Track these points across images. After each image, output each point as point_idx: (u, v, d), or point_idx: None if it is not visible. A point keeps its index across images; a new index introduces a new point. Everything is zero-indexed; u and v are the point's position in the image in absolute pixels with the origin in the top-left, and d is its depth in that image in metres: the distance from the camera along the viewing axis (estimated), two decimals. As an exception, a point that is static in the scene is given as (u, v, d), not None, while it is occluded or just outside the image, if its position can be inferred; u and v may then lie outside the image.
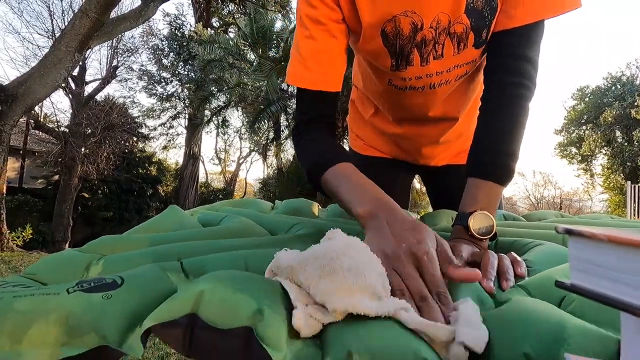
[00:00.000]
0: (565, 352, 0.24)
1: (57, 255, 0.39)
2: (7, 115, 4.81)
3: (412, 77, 0.67)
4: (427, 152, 0.89)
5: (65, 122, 10.09)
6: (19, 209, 8.94)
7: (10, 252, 4.92)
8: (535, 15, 0.56)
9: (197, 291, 0.26)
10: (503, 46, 0.59)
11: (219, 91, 10.30)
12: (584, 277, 0.17)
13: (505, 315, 0.31)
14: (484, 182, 0.55)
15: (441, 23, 0.60)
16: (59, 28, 9.07)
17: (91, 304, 0.26)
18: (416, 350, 0.26)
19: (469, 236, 0.51)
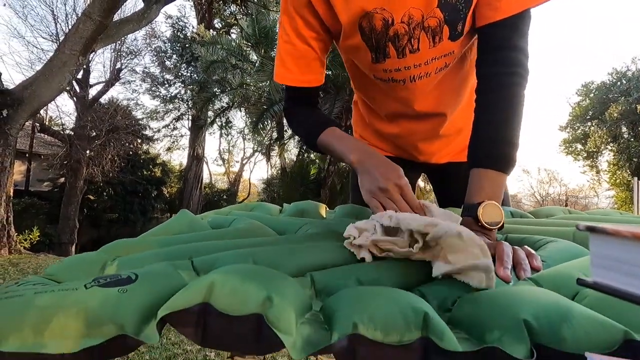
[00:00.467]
0: (567, 330, 0.24)
1: (74, 257, 0.41)
2: (13, 119, 4.85)
3: (392, 69, 0.70)
4: (424, 149, 0.89)
5: (70, 125, 10.17)
6: (25, 211, 9.02)
7: (18, 255, 4.97)
8: (519, 5, 0.57)
9: (209, 282, 0.27)
10: (492, 38, 0.60)
11: (222, 92, 10.33)
12: (607, 274, 0.16)
13: (512, 289, 0.32)
14: (487, 172, 0.56)
15: (414, 18, 0.62)
16: (63, 32, 9.15)
17: (108, 298, 0.27)
18: (415, 306, 0.28)
19: (479, 227, 0.52)
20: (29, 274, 4.01)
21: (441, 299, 0.36)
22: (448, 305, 0.35)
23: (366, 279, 0.38)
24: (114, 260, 0.39)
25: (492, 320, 0.28)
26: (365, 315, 0.27)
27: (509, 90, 0.58)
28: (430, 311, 0.28)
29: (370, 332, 0.26)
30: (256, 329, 0.25)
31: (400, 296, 0.30)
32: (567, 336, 0.25)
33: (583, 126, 14.71)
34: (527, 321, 0.27)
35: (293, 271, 0.39)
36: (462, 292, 0.36)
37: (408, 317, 0.27)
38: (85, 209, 10.46)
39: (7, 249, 4.91)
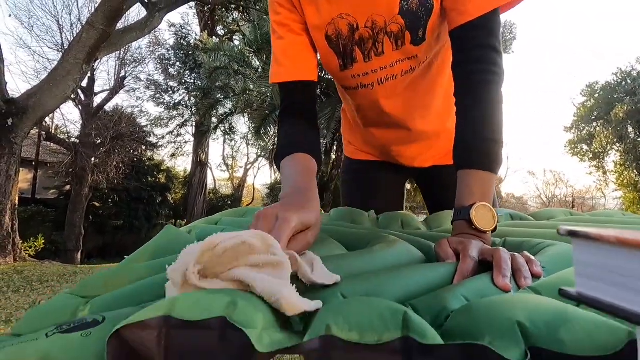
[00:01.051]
0: (566, 332, 0.22)
1: (44, 306, 0.38)
2: (18, 128, 4.91)
3: (360, 73, 0.72)
4: (402, 153, 0.90)
5: (75, 133, 10.28)
6: (32, 219, 9.10)
7: (22, 262, 5.00)
8: (485, 7, 0.58)
9: (172, 298, 0.26)
10: (463, 39, 0.61)
11: (225, 98, 10.39)
12: (592, 284, 0.15)
13: (508, 297, 0.30)
14: (473, 172, 0.55)
15: (377, 23, 0.66)
16: (68, 41, 9.27)
17: (70, 343, 0.26)
18: (392, 307, 0.26)
19: (473, 230, 0.51)
20: (33, 282, 4.03)
21: (435, 314, 0.34)
22: (442, 321, 0.33)
23: (352, 295, 0.36)
24: (87, 303, 0.37)
25: (485, 326, 0.26)
26: (340, 317, 0.25)
27: (485, 87, 0.58)
28: (410, 311, 0.26)
29: (345, 333, 0.24)
30: (220, 333, 0.24)
31: (379, 301, 0.28)
32: (566, 338, 0.23)
33: (588, 127, 14.58)
34: (521, 323, 0.25)
35: None
36: (456, 304, 0.34)
37: (385, 318, 0.25)
38: (91, 215, 10.53)
39: (12, 257, 4.94)
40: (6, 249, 4.87)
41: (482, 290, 0.36)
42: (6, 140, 4.81)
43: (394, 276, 0.39)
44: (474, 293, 0.35)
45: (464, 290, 0.35)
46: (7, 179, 4.87)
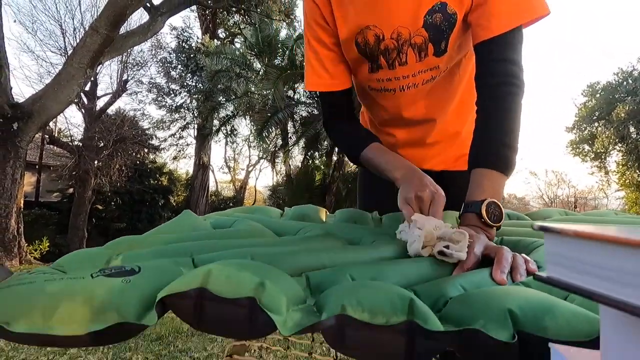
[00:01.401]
0: (550, 320, 0.26)
1: (81, 251, 0.42)
2: (23, 132, 4.96)
3: (384, 78, 0.77)
4: (415, 154, 0.93)
5: (78, 136, 10.34)
6: (35, 222, 9.16)
7: (28, 265, 5.05)
8: (508, 25, 0.62)
9: (206, 270, 0.29)
10: (486, 53, 0.64)
11: (226, 101, 10.45)
12: (559, 270, 0.18)
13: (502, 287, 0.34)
14: (488, 172, 0.58)
15: (402, 35, 0.70)
16: (71, 45, 9.35)
17: (113, 287, 0.29)
18: (401, 293, 0.29)
19: (481, 223, 0.54)
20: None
21: (434, 299, 0.37)
22: (440, 306, 0.36)
23: (360, 279, 0.39)
24: (118, 255, 0.41)
25: (479, 312, 0.30)
26: (354, 298, 0.29)
27: (506, 99, 0.62)
28: (416, 299, 0.29)
29: (358, 313, 0.27)
30: (249, 312, 0.27)
31: (389, 286, 0.31)
32: (549, 325, 0.27)
33: (590, 127, 14.57)
34: (511, 311, 0.28)
35: (290, 271, 0.41)
36: (454, 293, 0.37)
37: (394, 302, 0.29)
38: (94, 218, 10.58)
39: (17, 260, 4.98)
40: (12, 252, 4.92)
41: (479, 282, 0.39)
42: (11, 144, 4.86)
43: (396, 265, 0.43)
44: (472, 283, 0.39)
45: (463, 280, 0.39)
46: (13, 182, 4.92)
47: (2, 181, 4.81)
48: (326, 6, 0.74)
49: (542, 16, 0.64)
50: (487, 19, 0.62)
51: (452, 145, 0.91)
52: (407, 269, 0.43)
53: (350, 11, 0.71)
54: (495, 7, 0.62)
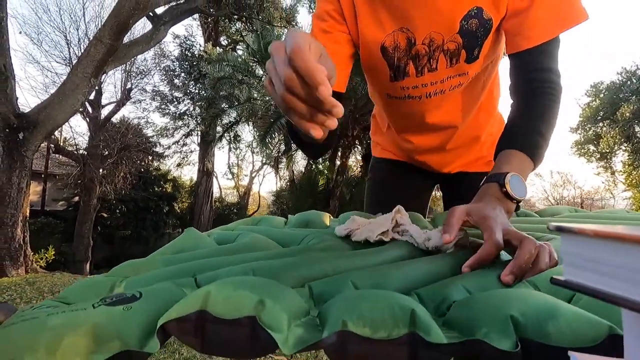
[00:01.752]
0: (552, 325, 0.25)
1: (84, 280, 0.43)
2: (29, 141, 5.01)
3: (410, 86, 0.74)
4: (433, 160, 0.92)
5: (83, 145, 10.43)
6: (41, 231, 9.21)
7: (34, 274, 5.07)
8: (549, 34, 0.60)
9: (205, 291, 0.29)
10: (525, 63, 0.63)
11: (229, 107, 10.50)
12: (577, 272, 0.17)
13: (505, 291, 0.33)
14: (516, 152, 0.56)
15: (435, 41, 0.67)
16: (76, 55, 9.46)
17: (113, 315, 0.29)
18: (402, 304, 0.29)
19: (502, 194, 0.49)
20: (44, 293, 4.08)
21: (437, 303, 0.36)
22: (444, 310, 0.36)
23: (363, 285, 0.39)
24: (122, 281, 0.42)
25: (482, 318, 0.29)
26: (355, 313, 0.28)
27: (544, 97, 0.61)
28: (418, 309, 0.29)
29: (360, 329, 0.27)
30: (250, 332, 0.27)
31: (390, 296, 0.31)
32: (552, 331, 0.26)
33: (594, 127, 14.47)
34: (514, 317, 0.28)
35: (293, 283, 0.40)
36: (458, 296, 0.36)
37: (396, 315, 0.28)
38: (99, 226, 10.63)
39: (23, 268, 5.00)
40: (18, 261, 4.94)
41: (484, 284, 0.38)
42: (17, 153, 4.91)
43: (400, 268, 0.42)
44: (476, 285, 0.38)
45: (467, 282, 0.38)
46: (19, 191, 4.96)
47: (8, 191, 4.85)
48: (348, 4, 0.70)
49: (582, 22, 0.62)
50: (528, 27, 0.60)
51: (471, 150, 0.90)
52: (411, 271, 0.42)
53: (382, 12, 0.68)
54: (537, 14, 0.60)
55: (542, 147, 0.57)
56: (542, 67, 0.62)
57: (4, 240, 4.82)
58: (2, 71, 5.01)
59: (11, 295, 3.76)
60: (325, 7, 0.71)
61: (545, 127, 0.58)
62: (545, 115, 0.59)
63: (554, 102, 0.60)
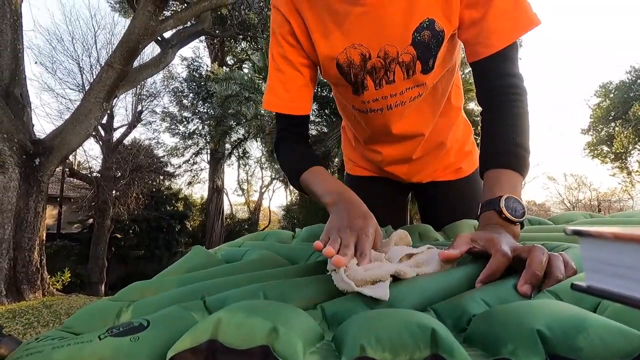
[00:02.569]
0: (583, 339, 0.23)
1: (91, 307, 0.42)
2: (44, 167, 5.14)
3: (370, 99, 0.75)
4: (402, 170, 0.92)
5: (96, 168, 10.67)
6: (58, 254, 9.36)
7: (51, 297, 5.12)
8: (508, 39, 0.62)
9: (215, 319, 0.28)
10: (487, 70, 0.64)
11: (237, 125, 10.65)
12: (599, 277, 0.16)
13: (526, 302, 0.31)
14: (504, 171, 0.56)
15: (389, 53, 0.68)
16: (88, 82, 9.78)
17: (121, 347, 0.29)
18: (421, 323, 0.27)
19: (502, 219, 0.49)
20: (61, 316, 4.11)
21: (456, 318, 0.35)
22: (463, 325, 0.34)
23: (377, 304, 0.38)
24: (129, 306, 0.41)
25: (506, 333, 0.27)
26: (372, 337, 0.27)
27: (512, 104, 0.61)
28: (439, 327, 0.27)
29: (379, 354, 0.25)
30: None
31: (408, 315, 0.29)
32: (583, 345, 0.24)
33: (607, 127, 14.21)
34: (540, 331, 0.26)
35: (304, 303, 0.39)
36: (477, 309, 0.35)
37: (416, 336, 0.26)
38: (113, 247, 10.75)
39: (40, 292, 5.07)
40: (35, 284, 5.01)
41: (502, 296, 0.37)
42: (34, 179, 5.04)
43: (413, 283, 0.41)
44: (495, 297, 0.36)
45: (484, 294, 0.36)
46: (36, 216, 5.06)
47: (25, 215, 4.96)
48: (299, 23, 0.69)
49: (535, 26, 0.64)
50: (486, 37, 0.62)
51: (437, 157, 0.90)
52: (425, 286, 0.41)
53: (332, 29, 0.67)
54: (494, 24, 0.61)
55: (525, 157, 0.57)
56: (504, 73, 0.62)
57: (22, 265, 4.90)
58: (18, 100, 5.19)
59: (28, 319, 3.80)
60: (279, 30, 0.71)
61: (521, 137, 0.58)
62: (518, 125, 0.60)
63: (521, 108, 0.61)
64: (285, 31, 0.70)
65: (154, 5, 4.99)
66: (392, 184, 1.00)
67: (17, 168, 4.87)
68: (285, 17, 0.69)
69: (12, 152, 4.80)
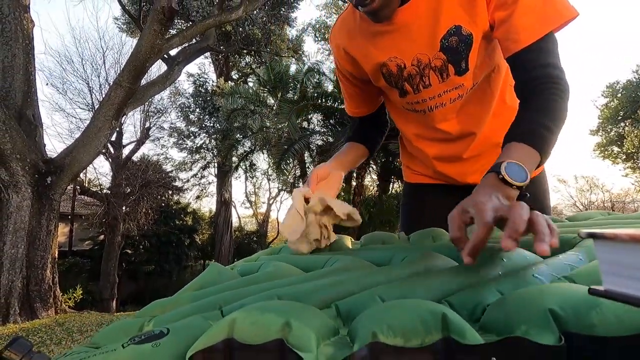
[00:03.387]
0: (596, 315, 0.23)
1: (115, 324, 0.43)
2: (56, 185, 5.23)
3: (413, 102, 0.83)
4: (456, 170, 0.93)
5: (106, 185, 10.82)
6: (69, 271, 9.45)
7: (63, 314, 5.15)
8: (538, 34, 0.62)
9: (230, 319, 0.29)
10: (522, 64, 0.64)
11: (244, 138, 10.77)
12: (617, 280, 0.16)
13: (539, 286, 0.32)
14: (518, 144, 0.54)
15: (422, 61, 0.75)
16: (98, 101, 10.00)
17: (143, 353, 0.30)
18: (432, 309, 0.28)
19: (499, 181, 0.48)
20: (74, 333, 4.13)
21: (470, 309, 0.35)
22: (478, 314, 0.34)
23: (390, 298, 0.38)
24: (150, 320, 0.42)
25: (519, 315, 0.28)
26: (384, 324, 0.27)
27: (545, 93, 0.59)
28: (449, 312, 0.28)
29: (390, 339, 0.26)
30: (279, 355, 0.26)
31: (418, 303, 0.30)
32: (596, 321, 0.24)
33: (616, 127, 14.03)
34: (553, 310, 0.26)
35: (318, 305, 0.39)
36: (491, 299, 0.35)
37: (427, 321, 0.27)
38: (124, 263, 10.82)
39: (53, 310, 5.10)
40: (48, 302, 5.05)
41: (516, 283, 0.37)
42: (46, 197, 5.13)
43: (427, 279, 0.41)
44: (511, 289, 0.36)
45: (500, 285, 0.36)
46: (48, 234, 5.13)
47: (38, 234, 5.03)
48: (341, 51, 0.84)
49: (571, 19, 0.63)
50: (515, 32, 0.63)
51: (492, 157, 0.88)
52: (439, 281, 0.41)
53: (370, 49, 0.78)
54: (521, 20, 0.62)
55: (546, 137, 0.55)
56: (539, 64, 0.61)
57: (35, 283, 4.96)
58: (31, 121, 5.33)
59: (41, 337, 3.82)
60: (335, 55, 0.87)
61: (548, 119, 0.56)
62: (548, 108, 0.58)
63: (557, 95, 0.59)
64: (338, 55, 0.87)
65: (160, 24, 5.12)
66: (449, 189, 1.00)
67: (30, 187, 4.97)
68: (334, 44, 0.86)
69: (24, 171, 4.90)
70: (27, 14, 5.42)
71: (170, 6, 4.94)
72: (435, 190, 1.01)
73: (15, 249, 4.83)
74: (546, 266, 0.42)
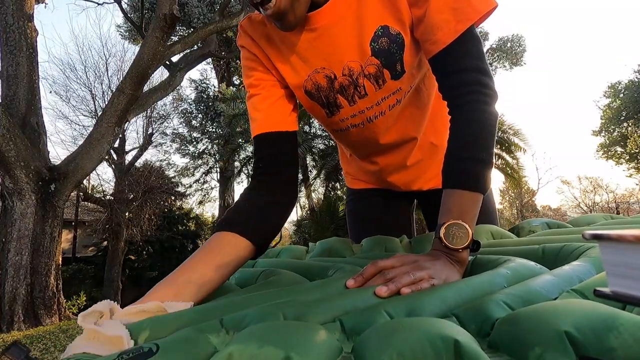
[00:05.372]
0: (615, 339, 0.22)
1: None
2: (60, 192, 5.26)
3: (348, 116, 0.73)
4: (400, 179, 0.90)
5: (110, 191, 10.85)
6: (73, 277, 9.46)
7: (67, 321, 5.15)
8: (455, 33, 0.58)
9: (227, 354, 0.27)
10: (443, 66, 0.60)
11: (245, 142, 10.78)
12: (623, 282, 0.16)
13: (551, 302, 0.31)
14: (453, 191, 0.54)
15: (354, 70, 0.67)
16: (101, 108, 10.07)
17: None
18: (443, 335, 0.26)
19: (443, 247, 0.50)
20: (77, 340, 4.12)
21: (479, 323, 0.34)
22: (487, 330, 0.34)
23: (397, 313, 0.37)
24: (146, 327, 0.40)
25: (532, 336, 0.26)
26: (394, 352, 0.26)
27: (471, 107, 0.57)
28: (462, 337, 0.27)
29: None
30: None
31: (428, 325, 0.29)
32: (615, 345, 0.23)
33: (619, 128, 13.96)
34: (568, 332, 0.25)
35: (322, 320, 0.38)
36: (500, 313, 0.34)
37: (438, 348, 0.26)
38: (127, 269, 10.82)
39: (57, 316, 5.10)
40: (52, 309, 5.05)
41: (526, 298, 0.36)
42: (50, 204, 5.15)
43: (433, 291, 0.40)
44: (518, 301, 0.36)
45: (505, 296, 0.36)
46: (52, 240, 5.15)
47: (42, 240, 5.05)
48: (263, 56, 0.70)
49: (490, 11, 0.59)
50: (432, 33, 0.59)
51: (434, 161, 0.87)
52: (445, 292, 0.40)
53: (293, 60, 0.68)
54: (435, 17, 0.58)
55: (481, 171, 0.54)
56: (460, 68, 0.58)
57: (39, 289, 4.96)
58: (34, 129, 5.37)
59: (46, 345, 3.82)
60: (247, 64, 0.71)
61: (478, 147, 0.55)
62: (476, 135, 0.55)
63: (481, 103, 0.57)
64: (253, 64, 0.70)
65: (162, 31, 5.16)
66: (393, 196, 0.98)
67: (34, 194, 4.99)
68: (251, 51, 0.70)
69: (28, 179, 4.93)
70: (30, 23, 5.48)
71: (172, 13, 4.98)
72: (380, 195, 0.99)
73: (20, 256, 4.84)
74: (553, 277, 0.41)
